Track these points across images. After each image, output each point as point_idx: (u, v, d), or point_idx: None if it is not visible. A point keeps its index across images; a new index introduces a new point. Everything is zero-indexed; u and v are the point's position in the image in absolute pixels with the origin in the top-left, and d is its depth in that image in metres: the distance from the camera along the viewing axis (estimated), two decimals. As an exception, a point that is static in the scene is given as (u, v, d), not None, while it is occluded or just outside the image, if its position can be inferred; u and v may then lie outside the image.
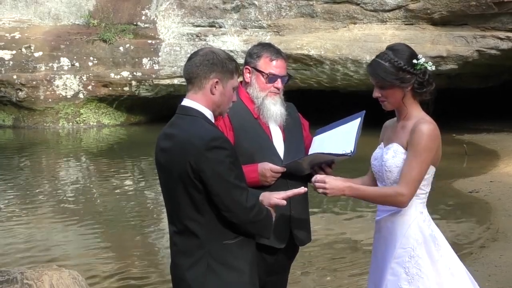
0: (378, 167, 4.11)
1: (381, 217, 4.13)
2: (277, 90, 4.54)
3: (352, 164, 4.49)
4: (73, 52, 20.67)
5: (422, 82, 4.00)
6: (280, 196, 3.85)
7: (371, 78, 4.06)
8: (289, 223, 4.53)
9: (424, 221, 4.04)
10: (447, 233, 8.58)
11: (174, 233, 3.71)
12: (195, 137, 3.56)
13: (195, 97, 3.69)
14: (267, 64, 4.54)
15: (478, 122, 20.49)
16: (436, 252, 4.00)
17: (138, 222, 10.17)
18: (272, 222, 3.77)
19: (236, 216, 3.57)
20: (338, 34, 18.56)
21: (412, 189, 3.92)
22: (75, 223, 10.02)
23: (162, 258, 8.37)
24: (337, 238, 9.20)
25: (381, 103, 4.09)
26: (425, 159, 3.92)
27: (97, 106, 21.14)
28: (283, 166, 4.41)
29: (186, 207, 3.60)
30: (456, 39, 17.59)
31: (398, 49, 4.03)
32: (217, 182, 3.52)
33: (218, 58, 3.69)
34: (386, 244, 4.09)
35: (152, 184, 12.78)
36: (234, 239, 3.64)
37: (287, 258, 4.69)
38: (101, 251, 8.75)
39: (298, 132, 4.69)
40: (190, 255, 3.62)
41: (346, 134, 4.36)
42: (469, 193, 11.55)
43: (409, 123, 4.01)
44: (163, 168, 3.70)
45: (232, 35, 19.64)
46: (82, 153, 17.26)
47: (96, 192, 12.49)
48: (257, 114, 4.53)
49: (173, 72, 20.12)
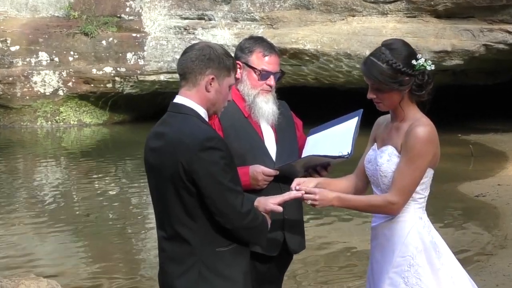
0: (372, 171, 4.11)
1: (377, 224, 4.13)
2: (269, 87, 4.56)
3: (346, 165, 4.50)
4: (52, 46, 20.63)
5: (421, 84, 3.97)
6: (276, 201, 3.85)
7: (365, 79, 4.04)
8: (283, 229, 4.54)
9: (424, 227, 4.03)
10: (451, 240, 8.63)
11: (163, 238, 3.71)
12: (187, 136, 3.56)
13: (188, 94, 3.70)
14: (260, 60, 4.56)
15: (485, 121, 20.52)
16: (437, 260, 4.00)
17: (123, 228, 10.17)
18: (268, 229, 3.78)
19: (230, 221, 3.58)
20: (335, 27, 18.58)
21: (404, 197, 3.93)
22: (54, 230, 10.01)
23: (149, 266, 8.37)
24: (333, 245, 9.21)
25: (375, 104, 4.07)
26: (420, 165, 3.91)
27: (78, 104, 21.11)
28: (275, 169, 4.42)
29: (177, 211, 3.60)
30: (461, 32, 17.63)
31: (396, 48, 3.99)
32: (210, 184, 3.53)
33: (215, 53, 3.69)
34: (383, 252, 4.08)
35: (138, 187, 12.78)
36: (228, 246, 3.64)
37: (280, 266, 4.71)
38: (83, 259, 8.75)
39: (291, 132, 4.70)
40: (180, 262, 3.63)
41: (343, 135, 4.36)
42: (475, 197, 11.57)
43: (404, 124, 3.99)
44: (152, 169, 3.70)
45: (222, 28, 19.65)
46: (62, 154, 17.23)
47: (77, 196, 12.48)
48: (248, 113, 4.54)
49: (159, 68, 20.11)
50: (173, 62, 19.72)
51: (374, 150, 4.15)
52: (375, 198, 4.03)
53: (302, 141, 4.70)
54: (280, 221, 4.47)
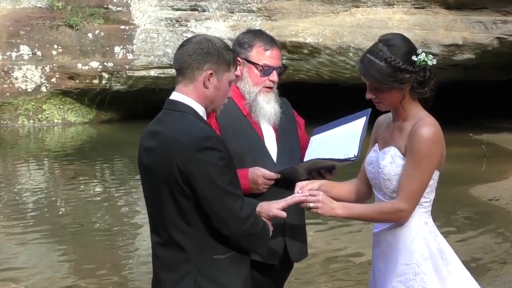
0: (374, 174, 4.09)
1: (379, 230, 4.12)
2: (272, 83, 4.55)
3: (350, 168, 4.48)
4: (35, 39, 20.63)
5: (423, 80, 3.95)
6: (279, 206, 3.84)
7: (363, 78, 4.02)
8: (283, 235, 4.54)
9: (430, 233, 4.03)
10: (462, 247, 8.64)
11: (157, 244, 3.71)
12: (183, 135, 3.56)
13: (185, 91, 3.70)
14: (261, 55, 4.55)
15: (498, 119, 20.55)
16: (444, 267, 3.99)
17: (111, 235, 10.16)
18: (269, 236, 3.78)
19: (228, 227, 3.58)
20: (338, 19, 18.59)
21: (413, 203, 3.92)
22: (36, 236, 10.00)
23: (139, 275, 8.37)
24: (336, 252, 9.22)
25: (375, 104, 4.06)
26: (427, 168, 3.91)
27: (62, 101, 21.11)
28: (277, 172, 4.41)
29: (172, 216, 3.60)
30: (473, 24, 17.65)
31: (394, 44, 3.96)
32: (207, 187, 3.52)
33: (213, 47, 3.68)
34: (386, 260, 4.08)
35: (127, 191, 12.78)
36: (226, 254, 3.64)
37: (280, 275, 4.70)
38: (66, 267, 8.74)
39: (293, 131, 4.70)
40: (175, 270, 3.63)
41: (349, 136, 4.34)
42: (488, 201, 11.59)
43: (407, 124, 3.98)
44: (146, 170, 3.70)
45: (217, 20, 19.65)
46: (45, 155, 17.22)
47: (61, 199, 12.47)
48: (247, 111, 4.54)
49: (149, 62, 20.11)
50: (164, 56, 19.74)
51: (376, 151, 4.14)
52: (383, 206, 4.02)
53: (304, 141, 4.70)
54: (280, 227, 4.46)
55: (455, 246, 4.18)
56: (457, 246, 8.36)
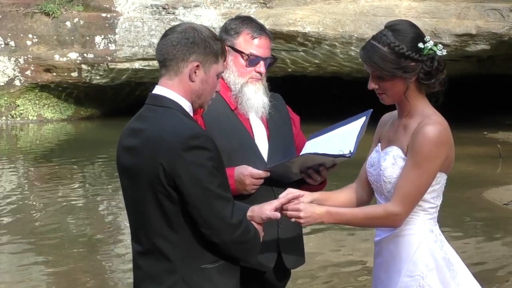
0: (375, 176, 4.10)
1: (381, 238, 4.12)
2: (258, 75, 4.57)
3: (350, 169, 4.51)
4: (7, 28, 20.62)
5: (430, 71, 3.95)
6: (272, 206, 3.85)
7: (365, 66, 4.03)
8: (277, 240, 4.54)
9: (436, 242, 4.03)
10: (474, 255, 8.65)
11: (138, 253, 3.71)
12: (169, 133, 3.56)
13: (169, 85, 3.70)
14: (248, 43, 4.57)
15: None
16: (451, 280, 3.99)
17: (91, 242, 10.17)
18: (260, 244, 3.78)
19: (217, 234, 3.57)
20: (340, 6, 18.62)
21: (407, 206, 3.91)
22: (9, 244, 10.01)
23: (123, 286, 8.38)
24: (336, 260, 9.24)
25: (378, 96, 4.06)
26: (427, 170, 3.90)
27: (38, 96, 21.12)
28: (266, 170, 4.41)
29: (155, 221, 3.60)
30: (488, 12, 17.69)
31: (400, 29, 3.97)
32: (195, 190, 3.52)
33: (200, 36, 3.69)
34: (388, 271, 4.09)
35: (108, 194, 12.79)
36: (214, 263, 3.64)
37: (276, 284, 4.72)
38: (42, 278, 8.75)
39: (286, 127, 4.70)
40: (159, 281, 3.62)
41: (346, 135, 4.34)
42: (504, 206, 11.61)
43: (413, 122, 3.98)
44: (127, 172, 3.70)
45: (207, 7, 19.67)
46: (19, 155, 17.22)
47: (36, 204, 12.47)
48: (234, 105, 4.56)
49: (133, 54, 20.13)
50: (149, 47, 19.74)
51: (378, 151, 4.14)
52: (373, 209, 4.01)
53: (299, 139, 4.71)
54: (274, 229, 4.46)
55: (467, 255, 4.21)
56: (468, 254, 8.37)
